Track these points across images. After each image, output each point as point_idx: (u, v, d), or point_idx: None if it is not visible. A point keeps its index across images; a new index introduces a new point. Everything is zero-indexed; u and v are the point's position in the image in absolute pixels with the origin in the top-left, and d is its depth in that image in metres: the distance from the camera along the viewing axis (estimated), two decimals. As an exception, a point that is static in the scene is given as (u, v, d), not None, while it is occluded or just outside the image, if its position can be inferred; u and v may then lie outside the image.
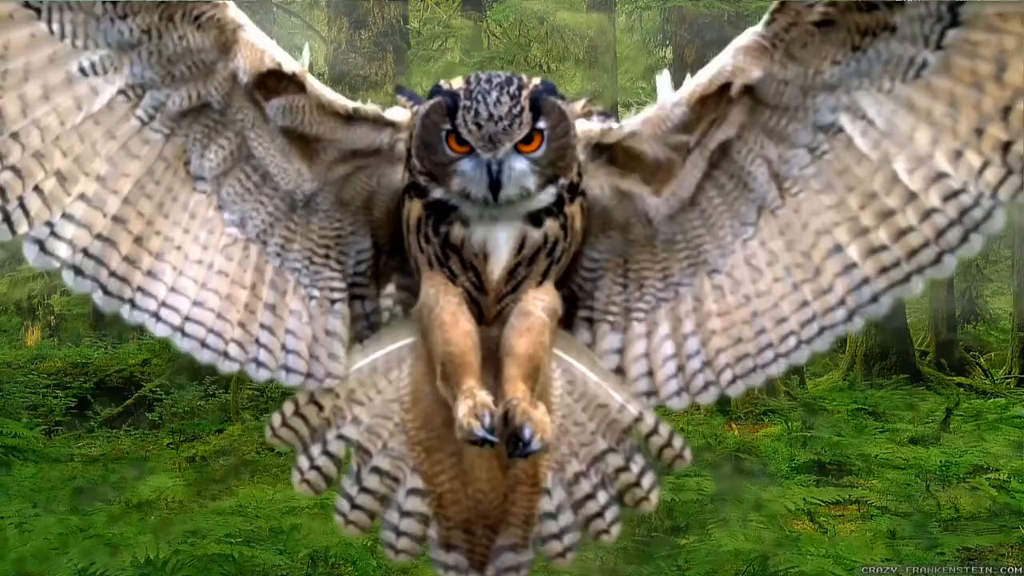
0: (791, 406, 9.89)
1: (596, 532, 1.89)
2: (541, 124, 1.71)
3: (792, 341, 1.83)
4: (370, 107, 1.85)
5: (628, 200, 1.89)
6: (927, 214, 1.68)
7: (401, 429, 1.90)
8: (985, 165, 1.63)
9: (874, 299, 1.77)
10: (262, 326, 1.84)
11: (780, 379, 10.57)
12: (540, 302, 1.84)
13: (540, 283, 1.85)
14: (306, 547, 5.19)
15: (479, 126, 1.69)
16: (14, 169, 1.64)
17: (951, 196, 1.66)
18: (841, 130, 1.73)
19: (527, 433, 1.69)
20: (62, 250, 1.70)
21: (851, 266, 1.75)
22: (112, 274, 1.74)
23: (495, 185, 1.71)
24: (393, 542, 1.90)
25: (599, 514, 1.89)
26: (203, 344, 1.80)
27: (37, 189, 1.67)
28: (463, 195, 1.75)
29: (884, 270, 1.74)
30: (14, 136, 1.64)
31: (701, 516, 5.91)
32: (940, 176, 1.66)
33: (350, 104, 1.83)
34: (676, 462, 1.91)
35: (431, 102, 1.74)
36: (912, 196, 1.68)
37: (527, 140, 1.71)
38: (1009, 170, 1.62)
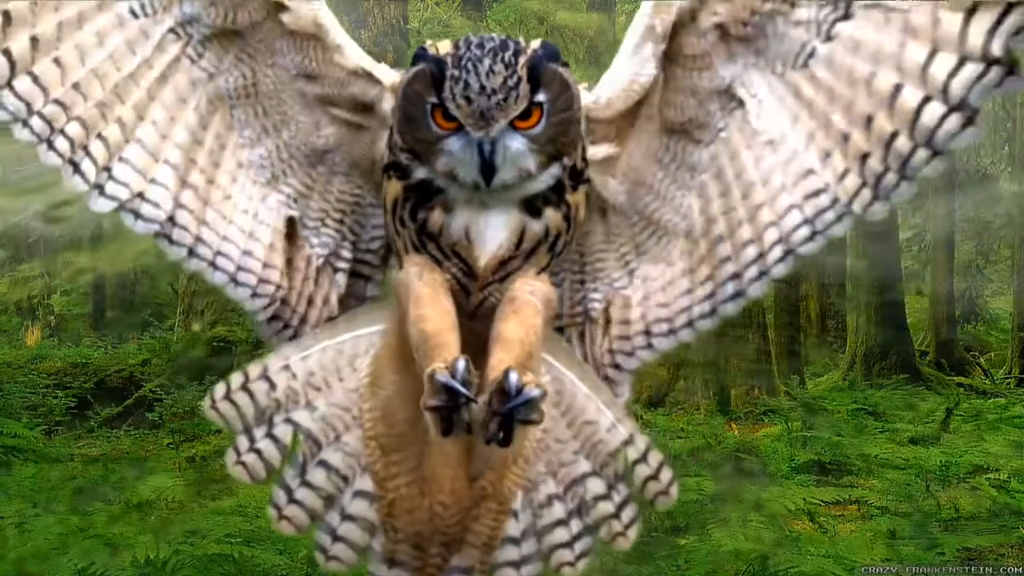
0: (791, 406, 9.89)
1: (559, 564, 1.71)
2: (541, 96, 1.54)
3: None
4: (364, 59, 1.75)
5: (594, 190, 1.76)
6: (788, 209, 1.66)
7: (359, 423, 1.71)
8: (846, 172, 1.60)
9: (736, 294, 1.74)
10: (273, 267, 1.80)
11: (780, 379, 10.61)
12: (531, 287, 1.66)
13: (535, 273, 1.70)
14: (306, 547, 5.18)
15: (469, 100, 1.51)
16: (80, 120, 1.63)
17: (812, 195, 1.64)
18: (739, 105, 1.69)
19: (513, 379, 1.44)
20: (123, 193, 1.68)
21: (725, 258, 1.73)
22: (170, 219, 1.72)
23: (488, 168, 1.54)
24: (327, 546, 1.71)
25: (567, 544, 1.71)
26: (251, 288, 1.78)
27: (101, 137, 1.65)
28: (450, 177, 1.59)
29: (725, 261, 1.72)
30: (76, 87, 1.62)
31: (701, 516, 5.91)
32: (808, 172, 1.64)
33: (353, 52, 1.75)
34: (659, 498, 1.71)
35: (415, 70, 1.57)
36: (781, 189, 1.66)
37: (524, 115, 1.54)
38: (864, 182, 1.59)
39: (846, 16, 1.59)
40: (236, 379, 1.71)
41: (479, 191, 1.58)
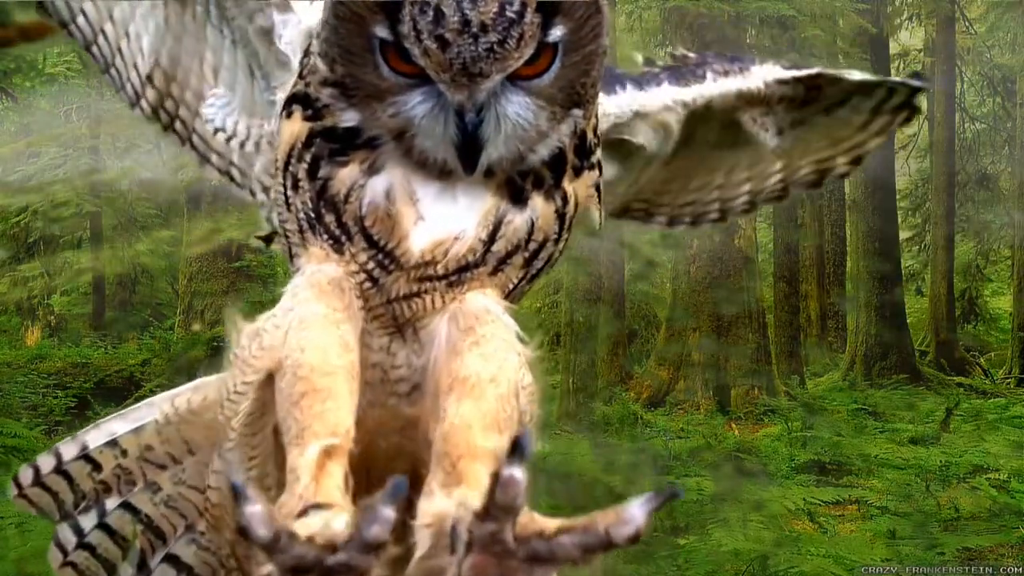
0: (791, 406, 9.89)
1: None
2: (558, 31, 1.05)
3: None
4: None
5: None
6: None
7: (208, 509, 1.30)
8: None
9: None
10: None
11: (780, 379, 10.63)
12: (502, 309, 1.15)
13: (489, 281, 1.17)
14: None
15: (444, 42, 1.00)
16: (106, 36, 1.46)
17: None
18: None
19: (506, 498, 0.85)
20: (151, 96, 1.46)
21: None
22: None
23: (470, 145, 1.07)
24: None
25: None
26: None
27: (135, 67, 1.46)
28: (401, 138, 1.11)
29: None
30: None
31: (701, 516, 5.91)
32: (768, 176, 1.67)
33: None
34: None
35: None
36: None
37: (530, 60, 1.05)
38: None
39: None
40: (46, 460, 1.36)
41: (446, 167, 1.11)
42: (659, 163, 1.49)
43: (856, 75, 1.53)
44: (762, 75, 1.47)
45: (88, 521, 1.35)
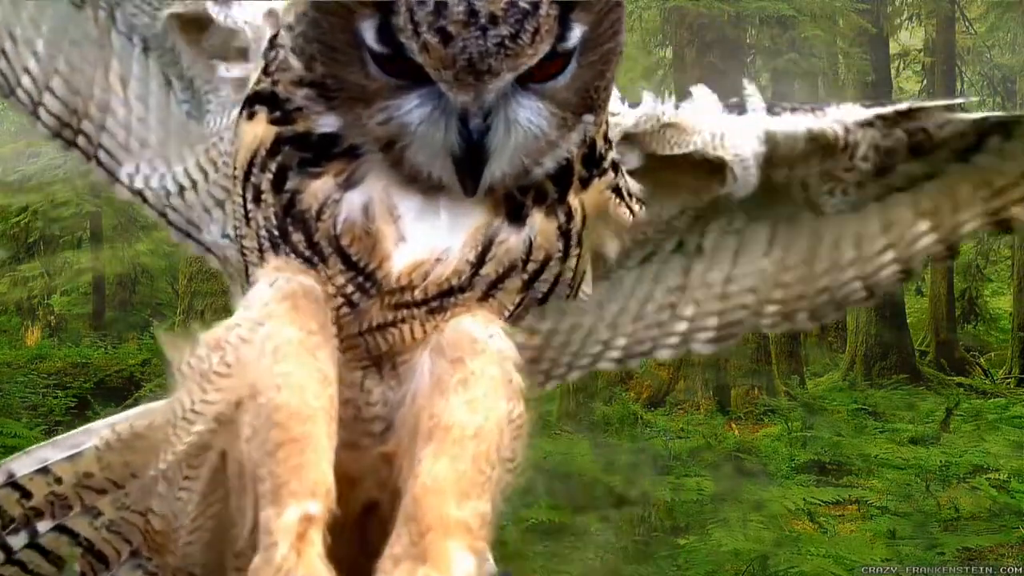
0: (791, 406, 9.89)
1: None
2: (576, 28, 0.93)
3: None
4: None
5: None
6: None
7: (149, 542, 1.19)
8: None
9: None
10: None
11: (780, 379, 10.62)
12: (490, 329, 1.01)
13: (486, 302, 1.04)
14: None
15: (446, 36, 0.87)
16: (4, 54, 1.37)
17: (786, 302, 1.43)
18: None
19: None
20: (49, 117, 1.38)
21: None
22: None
23: (476, 157, 0.94)
24: None
25: None
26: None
27: (27, 71, 1.36)
28: (389, 150, 0.98)
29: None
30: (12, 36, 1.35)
31: (701, 516, 5.91)
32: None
33: None
34: None
35: None
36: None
37: (545, 60, 0.93)
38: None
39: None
40: None
41: (438, 182, 0.98)
42: (760, 246, 1.33)
43: (970, 115, 1.26)
44: (838, 116, 1.23)
45: (18, 541, 1.27)
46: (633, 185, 1.17)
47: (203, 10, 1.20)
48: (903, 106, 1.24)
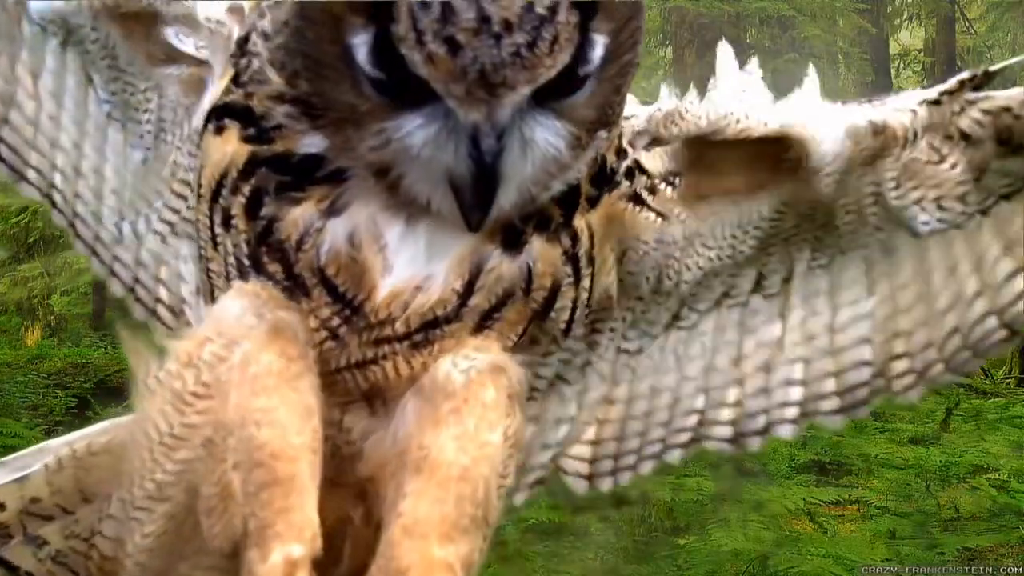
0: (791, 406, 9.88)
1: None
2: (599, 38, 0.83)
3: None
4: None
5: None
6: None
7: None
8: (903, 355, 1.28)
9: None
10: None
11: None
12: (486, 359, 0.93)
13: (482, 332, 0.94)
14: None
15: (455, 45, 0.77)
16: None
17: (855, 365, 1.30)
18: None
19: None
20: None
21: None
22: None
23: (486, 180, 0.82)
24: None
25: None
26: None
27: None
28: (383, 177, 0.87)
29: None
30: None
31: (701, 516, 5.91)
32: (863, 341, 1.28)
33: None
34: None
35: None
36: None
37: (564, 73, 0.83)
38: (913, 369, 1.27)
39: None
40: None
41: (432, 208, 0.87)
42: (858, 284, 1.20)
43: None
44: (899, 103, 1.08)
45: None
46: (666, 190, 1.07)
47: (148, 3, 1.10)
48: (965, 75, 1.07)
